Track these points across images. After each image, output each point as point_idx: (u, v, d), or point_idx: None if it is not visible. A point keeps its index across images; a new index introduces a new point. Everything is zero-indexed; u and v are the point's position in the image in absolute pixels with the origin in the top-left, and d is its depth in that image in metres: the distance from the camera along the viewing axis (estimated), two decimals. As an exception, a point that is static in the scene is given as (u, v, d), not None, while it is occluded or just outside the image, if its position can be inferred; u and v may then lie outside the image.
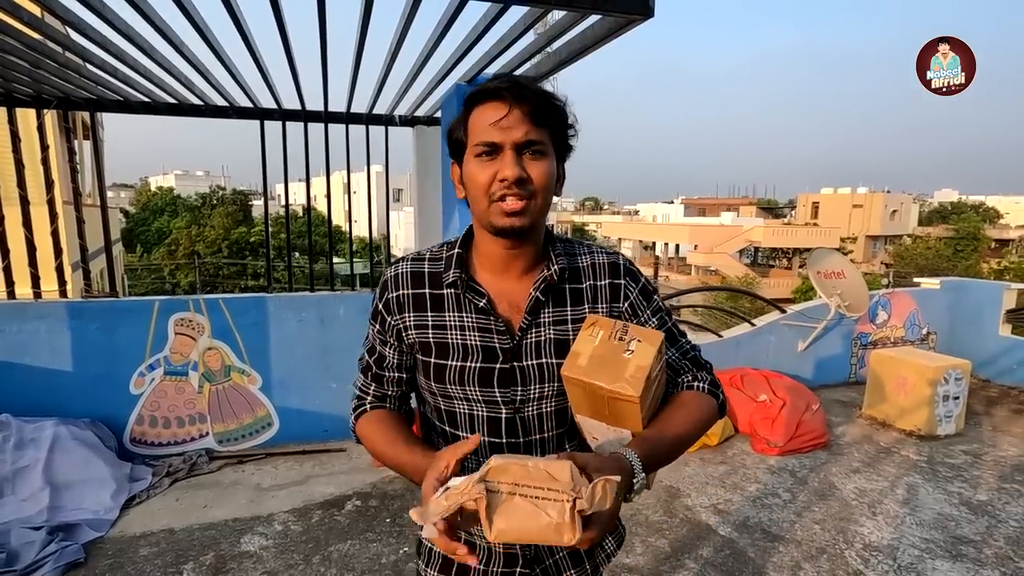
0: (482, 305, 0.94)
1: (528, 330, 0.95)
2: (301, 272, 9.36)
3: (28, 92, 3.57)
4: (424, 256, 1.01)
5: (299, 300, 3.89)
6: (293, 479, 3.45)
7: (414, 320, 0.97)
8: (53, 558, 2.55)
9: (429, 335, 0.96)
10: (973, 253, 30.04)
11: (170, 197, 28.15)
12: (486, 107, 0.88)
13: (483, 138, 0.87)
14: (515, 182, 0.85)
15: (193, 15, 2.27)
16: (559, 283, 0.96)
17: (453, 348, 0.95)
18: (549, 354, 0.95)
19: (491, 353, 0.94)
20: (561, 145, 0.92)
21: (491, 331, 0.94)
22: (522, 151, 0.87)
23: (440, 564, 1.05)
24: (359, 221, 22.41)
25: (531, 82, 0.88)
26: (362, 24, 2.49)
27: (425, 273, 0.98)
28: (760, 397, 4.15)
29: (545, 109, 0.87)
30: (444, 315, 0.96)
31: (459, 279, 0.95)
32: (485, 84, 0.89)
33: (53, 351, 3.43)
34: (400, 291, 0.98)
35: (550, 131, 0.89)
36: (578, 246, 1.03)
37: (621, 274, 1.01)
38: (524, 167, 0.86)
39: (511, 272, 0.97)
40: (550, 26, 2.62)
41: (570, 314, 0.97)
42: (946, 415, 4.24)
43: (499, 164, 0.86)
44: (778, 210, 50.24)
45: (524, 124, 0.85)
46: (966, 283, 6.10)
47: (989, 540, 2.89)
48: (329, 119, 4.23)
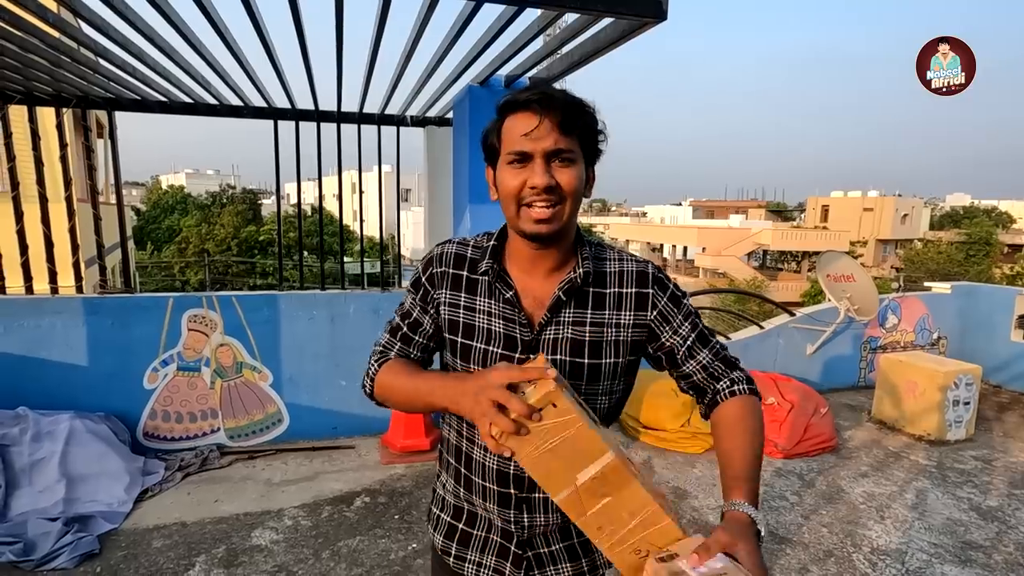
0: (509, 296, 0.99)
1: (547, 326, 0.99)
2: (310, 272, 9.42)
3: (48, 91, 3.63)
4: (468, 242, 1.07)
5: (310, 298, 3.93)
6: (303, 475, 3.49)
7: (449, 298, 1.04)
8: (68, 549, 2.59)
9: (460, 315, 1.02)
10: (985, 258, 29.73)
11: (181, 195, 28.35)
12: (517, 117, 0.92)
13: (514, 147, 0.91)
14: (544, 190, 0.90)
15: (212, 15, 2.31)
16: (583, 286, 1.00)
17: (479, 331, 1.01)
18: (564, 351, 0.98)
19: (512, 342, 0.99)
20: (590, 150, 0.96)
21: (514, 321, 0.99)
22: (551, 159, 0.91)
23: (446, 530, 1.12)
24: (367, 221, 22.54)
25: (561, 93, 0.92)
26: (378, 25, 2.53)
27: (467, 257, 1.05)
28: (768, 400, 4.15)
29: (574, 118, 0.91)
30: (476, 299, 1.02)
31: (491, 268, 1.00)
32: (517, 94, 0.93)
33: (69, 346, 3.48)
34: (444, 268, 1.05)
35: (579, 139, 0.93)
36: (608, 251, 1.06)
37: (649, 283, 1.02)
38: (553, 175, 0.91)
39: (538, 270, 1.01)
40: (563, 29, 2.64)
41: (590, 316, 1.00)
42: (956, 420, 4.21)
43: (529, 172, 0.91)
44: (787, 213, 49.97)
45: (553, 134, 0.90)
46: (978, 288, 6.05)
47: (999, 546, 2.88)
48: (342, 119, 4.27)
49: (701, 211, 51.49)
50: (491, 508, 1.04)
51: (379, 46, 2.84)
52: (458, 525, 1.10)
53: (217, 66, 3.06)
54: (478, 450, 1.04)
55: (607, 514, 0.80)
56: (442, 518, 1.13)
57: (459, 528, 1.09)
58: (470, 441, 1.05)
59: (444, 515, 1.13)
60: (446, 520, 1.12)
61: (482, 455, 1.03)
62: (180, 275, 21.53)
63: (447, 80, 3.46)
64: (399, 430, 3.76)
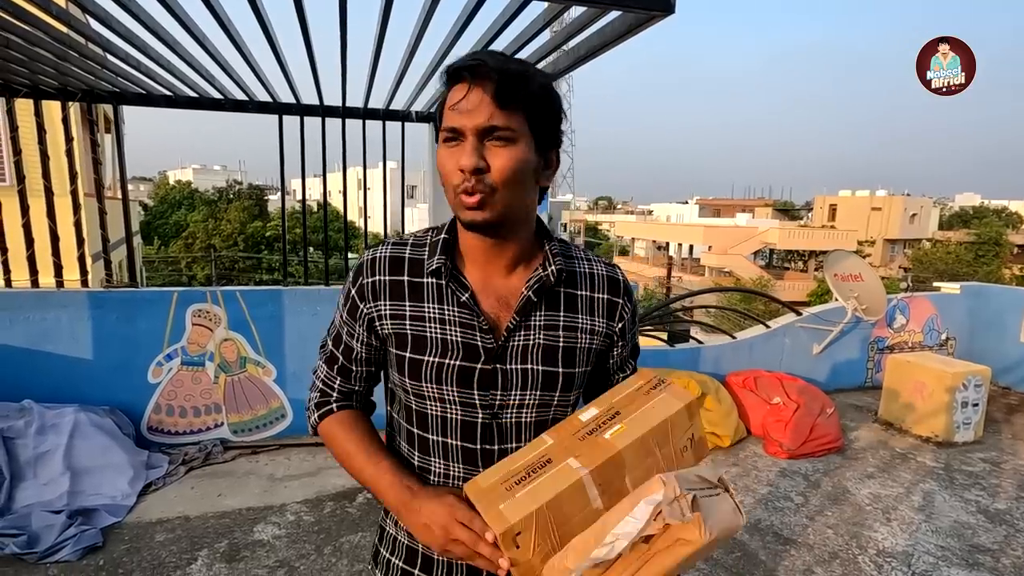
0: (464, 299, 0.86)
1: (516, 331, 0.87)
2: (315, 267, 9.44)
3: (53, 84, 3.63)
4: (406, 241, 0.92)
5: (314, 293, 3.93)
6: (306, 470, 3.49)
7: (390, 309, 0.88)
8: (72, 541, 2.60)
9: (406, 326, 0.87)
10: (995, 259, 29.46)
11: (188, 191, 28.51)
12: (454, 89, 0.79)
13: (447, 123, 0.79)
14: (472, 171, 0.77)
15: (217, 9, 2.30)
16: (555, 285, 0.89)
17: (431, 342, 0.86)
18: (536, 360, 0.87)
19: (473, 351, 0.85)
20: (542, 129, 0.82)
21: (474, 328, 0.86)
22: (484, 137, 0.78)
23: (405, 555, 0.96)
24: (373, 217, 22.56)
25: (500, 58, 0.78)
26: (383, 19, 2.51)
27: (406, 259, 0.90)
28: (774, 399, 4.12)
29: (513, 89, 0.76)
30: (423, 306, 0.87)
31: (443, 266, 0.86)
32: (455, 61, 0.80)
33: (74, 339, 3.49)
34: (376, 277, 0.89)
35: (524, 113, 0.79)
36: (575, 249, 0.97)
37: (620, 292, 0.95)
38: (484, 155, 0.78)
39: (495, 266, 0.89)
40: (568, 23, 2.61)
41: (563, 320, 0.90)
42: (964, 422, 4.17)
43: (460, 151, 0.78)
44: (794, 212, 49.65)
45: (486, 107, 0.76)
46: (987, 288, 5.98)
47: (1007, 549, 2.85)
48: (347, 114, 4.25)
49: (708, 210, 51.25)
50: None
51: (384, 40, 2.82)
52: (413, 572, 0.93)
53: (222, 60, 3.05)
54: (434, 480, 0.91)
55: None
56: (393, 563, 0.96)
57: (419, 555, 0.94)
58: (424, 470, 0.92)
59: (395, 559, 0.96)
60: (398, 565, 0.95)
61: (440, 484, 0.90)
62: (187, 270, 21.66)
63: (452, 75, 3.43)
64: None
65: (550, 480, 0.74)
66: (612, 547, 0.70)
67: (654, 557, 0.71)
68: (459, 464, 0.89)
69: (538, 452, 0.79)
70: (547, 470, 0.76)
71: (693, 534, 0.70)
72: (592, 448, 0.77)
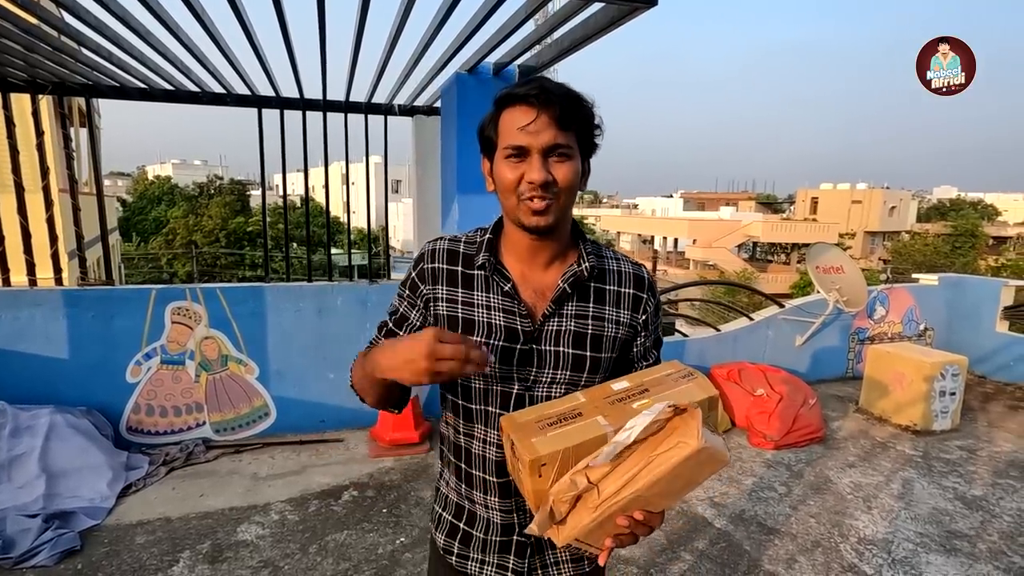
0: (507, 289, 1.00)
1: (551, 317, 1.00)
2: (299, 263, 9.33)
3: (23, 76, 3.53)
4: (460, 238, 1.07)
5: (296, 290, 3.87)
6: (290, 469, 3.45)
7: (446, 293, 1.03)
8: (49, 545, 2.55)
9: (458, 310, 1.02)
10: (971, 250, 30.08)
11: (167, 186, 27.99)
12: (515, 111, 0.92)
13: (512, 141, 0.92)
14: (541, 185, 0.91)
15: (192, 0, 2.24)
16: (587, 280, 1.02)
17: (478, 325, 1.00)
18: (567, 344, 1.00)
19: (513, 334, 0.99)
20: (587, 144, 0.97)
21: (514, 313, 1.00)
22: (548, 154, 0.92)
23: (448, 529, 1.12)
24: (357, 212, 22.34)
25: (560, 86, 0.92)
26: (361, 10, 2.46)
27: (460, 253, 1.05)
28: (757, 391, 4.16)
29: (572, 113, 0.91)
30: (473, 293, 1.02)
31: (488, 262, 1.01)
32: (515, 87, 0.93)
33: (49, 339, 3.41)
34: (436, 264, 1.05)
35: (576, 133, 0.93)
36: (605, 249, 1.09)
37: (645, 288, 1.07)
38: (550, 170, 0.91)
39: (536, 261, 1.03)
40: (552, 15, 2.59)
41: (592, 310, 1.02)
42: (942, 410, 4.25)
43: (526, 167, 0.92)
44: (777, 205, 50.22)
45: (551, 129, 0.90)
46: (964, 279, 6.10)
47: (983, 535, 2.91)
48: (328, 108, 4.19)
49: (692, 203, 51.62)
50: (492, 502, 1.05)
51: (363, 31, 2.78)
52: (459, 524, 1.10)
53: (197, 52, 2.98)
54: (476, 443, 1.04)
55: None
56: (444, 516, 1.14)
57: (460, 528, 1.10)
58: (468, 436, 1.05)
59: (446, 514, 1.14)
60: (448, 519, 1.13)
61: (481, 448, 1.04)
62: (168, 267, 21.28)
63: (434, 68, 3.39)
64: (388, 423, 3.73)
65: (578, 430, 0.83)
66: (631, 432, 0.79)
67: (656, 459, 0.79)
68: (497, 430, 1.02)
69: (571, 405, 0.89)
70: (577, 421, 0.85)
71: (692, 435, 0.77)
72: (620, 412, 0.85)
